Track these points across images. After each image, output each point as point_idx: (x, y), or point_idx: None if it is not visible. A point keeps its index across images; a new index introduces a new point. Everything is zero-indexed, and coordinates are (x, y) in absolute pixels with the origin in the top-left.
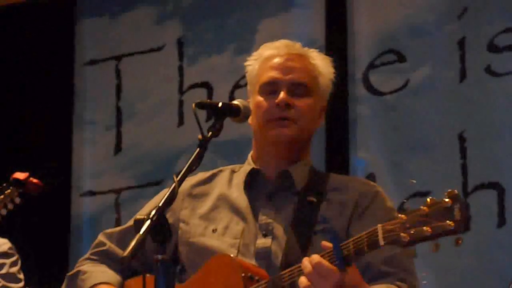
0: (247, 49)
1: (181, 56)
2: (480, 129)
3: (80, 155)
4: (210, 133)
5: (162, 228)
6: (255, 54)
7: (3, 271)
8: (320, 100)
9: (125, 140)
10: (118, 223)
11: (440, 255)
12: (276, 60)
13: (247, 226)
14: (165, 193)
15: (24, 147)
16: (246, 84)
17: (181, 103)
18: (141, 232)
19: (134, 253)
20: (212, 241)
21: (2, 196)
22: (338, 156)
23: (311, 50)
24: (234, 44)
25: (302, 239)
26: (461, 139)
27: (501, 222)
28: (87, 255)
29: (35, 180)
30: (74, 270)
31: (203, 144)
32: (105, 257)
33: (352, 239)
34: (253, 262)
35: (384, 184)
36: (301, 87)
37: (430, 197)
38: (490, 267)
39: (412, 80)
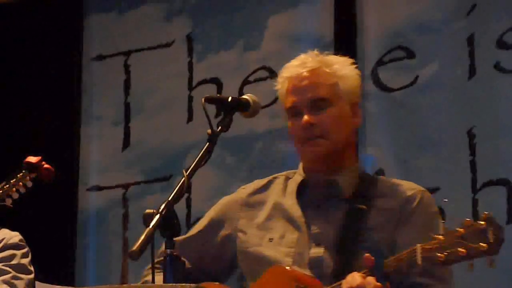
0: (255, 45)
1: (190, 52)
2: (489, 126)
3: (87, 150)
4: (220, 127)
5: (171, 223)
6: (279, 77)
7: (14, 261)
8: (347, 102)
9: (133, 136)
10: (125, 218)
11: None
12: (292, 83)
13: (301, 235)
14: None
15: (31, 142)
16: (255, 80)
17: (190, 99)
18: (150, 226)
19: (143, 248)
20: (268, 250)
21: (14, 180)
22: None
23: (326, 56)
24: (242, 40)
25: (351, 248)
26: (470, 135)
27: (510, 219)
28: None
29: (47, 165)
30: (141, 281)
31: (212, 139)
32: None
33: (393, 257)
34: (306, 270)
35: None
36: (321, 101)
37: (467, 219)
38: (499, 264)
39: (421, 76)
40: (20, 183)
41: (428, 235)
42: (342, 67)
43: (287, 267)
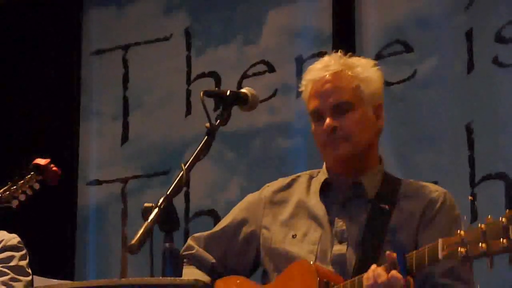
0: (254, 39)
1: (188, 46)
2: (488, 120)
3: (86, 145)
4: (218, 121)
5: (169, 217)
6: (303, 79)
7: (13, 263)
8: (369, 105)
9: (132, 130)
10: (124, 213)
11: None
12: (315, 87)
13: (324, 232)
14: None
15: (30, 137)
16: (253, 74)
17: (188, 93)
18: (148, 220)
19: (142, 242)
20: (292, 247)
21: (21, 182)
22: None
23: (348, 59)
24: (241, 35)
25: (373, 247)
26: (469, 130)
27: None
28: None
29: (55, 168)
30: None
31: (211, 133)
32: (194, 260)
33: (415, 251)
34: (329, 267)
35: None
36: (343, 105)
37: (490, 216)
38: (497, 259)
39: (420, 71)
40: (27, 186)
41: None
42: (365, 70)
43: (311, 261)
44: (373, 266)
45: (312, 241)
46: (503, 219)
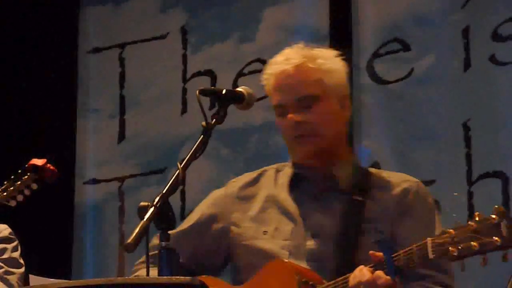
0: (251, 37)
1: (184, 44)
2: (485, 118)
3: (83, 143)
4: (214, 120)
5: (165, 215)
6: (264, 73)
7: (5, 255)
8: (334, 96)
9: (128, 128)
10: (121, 211)
11: None
12: (277, 81)
13: (296, 227)
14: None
15: (27, 135)
16: (249, 73)
17: (184, 91)
18: (144, 219)
19: (138, 240)
20: (264, 243)
21: (19, 183)
22: None
23: (311, 50)
24: (238, 33)
25: (349, 240)
26: (466, 128)
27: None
28: (142, 259)
29: (52, 167)
30: (132, 276)
31: (207, 131)
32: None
33: (402, 251)
34: (303, 263)
35: None
36: (307, 99)
37: (479, 212)
38: (494, 257)
39: (417, 69)
40: (25, 186)
41: (428, 226)
42: (327, 61)
43: (286, 261)
44: (361, 266)
45: (284, 237)
46: (494, 216)
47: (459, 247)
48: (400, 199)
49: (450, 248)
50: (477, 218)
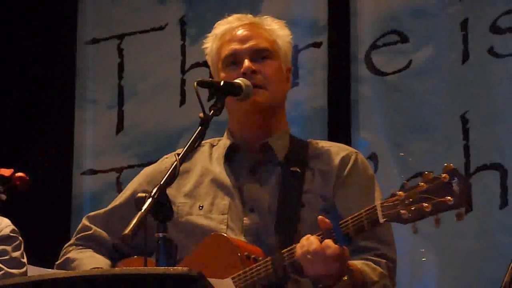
0: None
1: (183, 35)
2: (483, 110)
3: (81, 133)
4: (212, 111)
5: (163, 206)
6: (210, 35)
7: (6, 257)
8: (284, 62)
9: (126, 119)
10: None
11: (442, 235)
12: (232, 33)
13: (233, 201)
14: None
15: (25, 125)
16: None
17: (183, 82)
18: (142, 210)
19: (135, 231)
20: (200, 219)
21: None
22: (340, 137)
23: (264, 17)
24: None
25: (290, 213)
26: (464, 120)
27: (503, 203)
28: (72, 241)
29: (21, 175)
30: (62, 259)
31: (205, 123)
32: (91, 242)
33: (350, 217)
34: (242, 238)
35: (386, 165)
36: (263, 51)
37: (427, 172)
38: (492, 248)
39: (415, 61)
40: None
41: (368, 194)
42: (280, 29)
43: (225, 235)
44: (308, 235)
45: (221, 211)
46: (444, 175)
47: (411, 209)
48: (338, 168)
49: (401, 211)
50: (427, 178)
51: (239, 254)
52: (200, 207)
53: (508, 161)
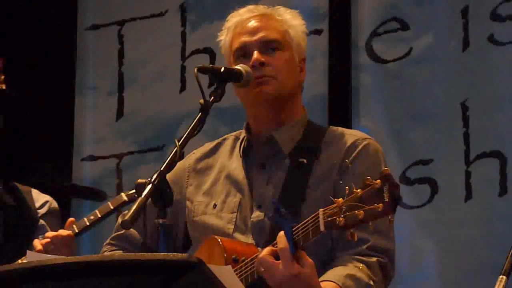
0: None
1: (183, 21)
2: (483, 98)
3: (81, 120)
4: (212, 97)
5: (163, 192)
6: (224, 28)
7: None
8: (297, 53)
9: (127, 106)
10: (119, 188)
11: (442, 224)
12: (243, 25)
13: (244, 198)
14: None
15: (25, 111)
16: None
17: (183, 69)
18: (142, 196)
19: (135, 218)
20: (212, 218)
21: None
22: (341, 124)
23: (277, 7)
24: None
25: (290, 208)
26: (464, 107)
27: (503, 191)
28: (108, 240)
29: None
30: None
31: (205, 109)
32: (124, 241)
33: (300, 224)
34: (249, 237)
35: (386, 153)
36: (272, 43)
37: (367, 178)
38: (492, 236)
39: (415, 48)
40: None
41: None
42: (293, 18)
43: (218, 239)
44: (265, 249)
45: (231, 209)
46: (378, 181)
47: (346, 216)
48: (344, 156)
49: (338, 218)
50: (363, 184)
51: (225, 256)
52: (214, 206)
53: (508, 149)
